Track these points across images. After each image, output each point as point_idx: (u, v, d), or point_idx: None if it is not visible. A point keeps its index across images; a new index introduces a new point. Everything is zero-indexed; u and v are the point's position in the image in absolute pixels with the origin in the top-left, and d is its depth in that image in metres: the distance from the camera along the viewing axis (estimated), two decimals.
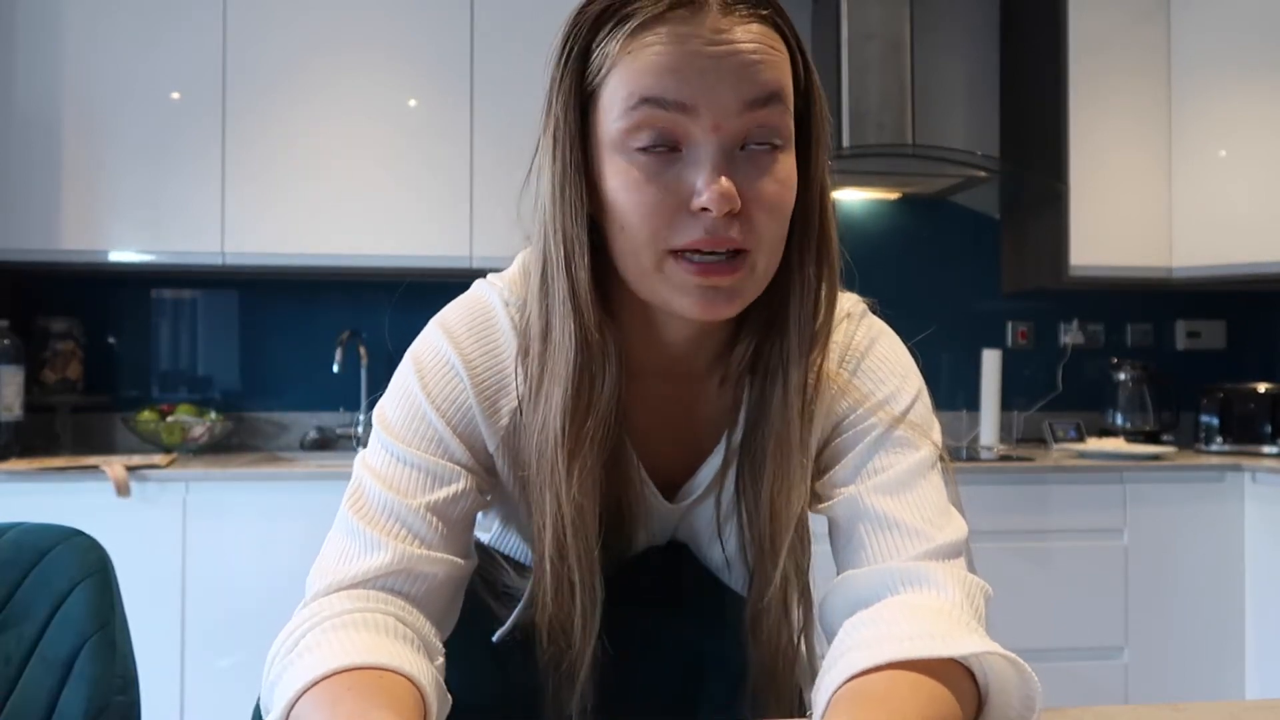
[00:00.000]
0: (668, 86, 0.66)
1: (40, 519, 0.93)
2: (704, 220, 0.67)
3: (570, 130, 0.70)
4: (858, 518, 0.76)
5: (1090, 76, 2.88)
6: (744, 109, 0.67)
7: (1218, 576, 2.61)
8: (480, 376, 0.77)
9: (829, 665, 0.66)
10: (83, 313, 2.81)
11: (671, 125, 0.67)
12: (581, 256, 0.70)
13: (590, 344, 0.72)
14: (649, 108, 0.67)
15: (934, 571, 0.70)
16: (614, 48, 0.68)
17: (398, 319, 2.98)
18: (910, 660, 0.61)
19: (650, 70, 0.67)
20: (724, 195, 0.66)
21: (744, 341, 0.78)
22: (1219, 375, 3.16)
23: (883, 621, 0.66)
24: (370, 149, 2.65)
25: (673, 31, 0.66)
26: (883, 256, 3.06)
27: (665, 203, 0.67)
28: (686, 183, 0.67)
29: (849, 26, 2.84)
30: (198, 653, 2.29)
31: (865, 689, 0.61)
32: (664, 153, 0.68)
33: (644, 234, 0.68)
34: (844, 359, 0.81)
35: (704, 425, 0.82)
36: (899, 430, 0.79)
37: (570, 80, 0.70)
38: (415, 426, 0.76)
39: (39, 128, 2.54)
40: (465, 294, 0.83)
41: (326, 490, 2.33)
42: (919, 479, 0.77)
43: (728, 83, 0.66)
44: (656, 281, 0.70)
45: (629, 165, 0.68)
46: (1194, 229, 2.89)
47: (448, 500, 0.74)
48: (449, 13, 2.68)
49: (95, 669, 0.86)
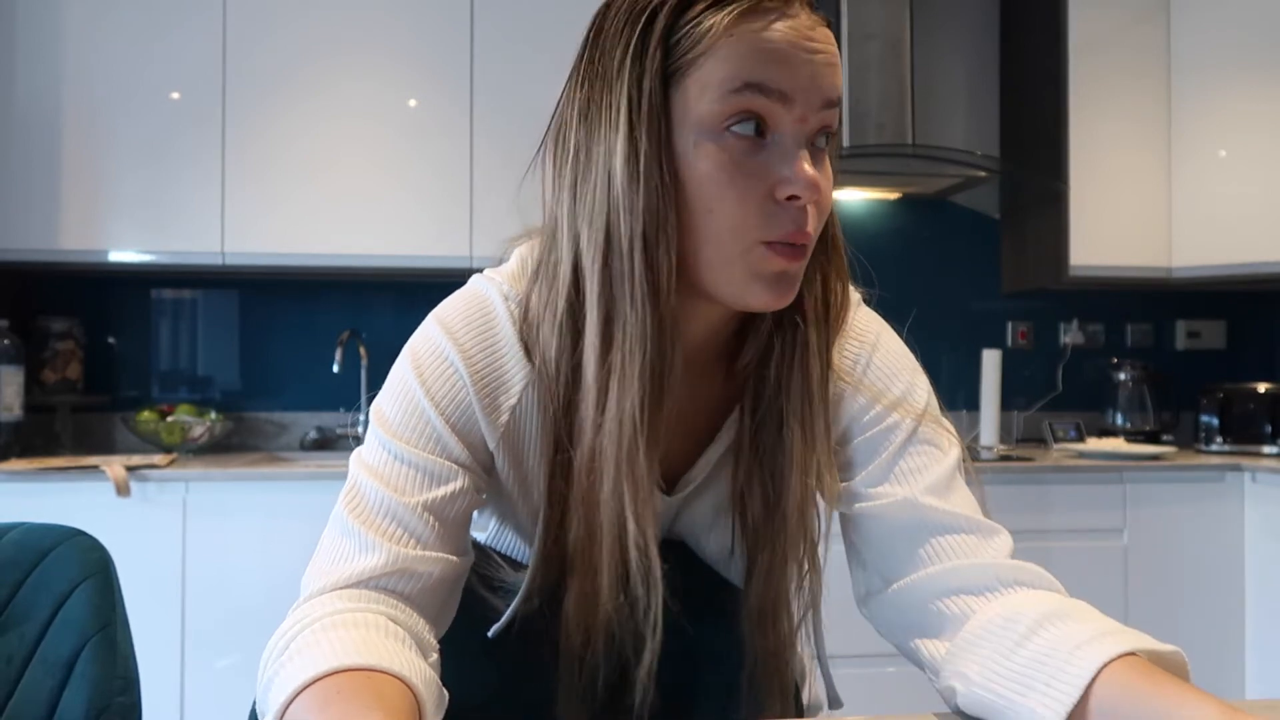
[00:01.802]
0: (773, 74, 0.68)
1: (41, 519, 0.93)
2: (790, 210, 0.69)
3: (655, 106, 0.69)
4: (917, 519, 0.77)
5: (1090, 76, 2.88)
6: (823, 106, 0.70)
7: (1218, 576, 2.61)
8: (480, 373, 0.76)
9: (1050, 650, 0.65)
10: (83, 313, 2.81)
11: (767, 112, 0.68)
12: (671, 237, 0.69)
13: (666, 331, 0.71)
14: (752, 93, 0.68)
15: (1040, 573, 0.75)
16: (713, 29, 0.68)
17: (398, 319, 2.98)
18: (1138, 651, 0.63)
19: (757, 55, 0.67)
20: (813, 183, 0.68)
21: (754, 335, 0.78)
22: (1219, 375, 3.16)
23: (1074, 618, 0.67)
24: (370, 149, 2.65)
25: (779, 24, 0.68)
26: (883, 256, 3.01)
27: (756, 189, 0.69)
28: (774, 170, 0.69)
29: (849, 26, 2.84)
30: (198, 653, 2.29)
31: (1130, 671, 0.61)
32: (755, 139, 0.69)
33: (735, 219, 0.69)
34: (854, 358, 0.82)
35: (704, 416, 0.82)
36: (925, 428, 0.80)
37: (657, 57, 0.69)
38: (413, 424, 0.75)
39: (39, 128, 2.54)
40: (463, 289, 0.82)
41: (326, 490, 2.32)
42: (957, 477, 0.80)
43: (819, 79, 0.69)
44: (737, 268, 0.70)
45: (720, 149, 0.68)
46: (1194, 229, 2.89)
47: (445, 499, 0.74)
48: (449, 13, 2.68)
49: (96, 669, 0.86)
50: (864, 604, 0.82)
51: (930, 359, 0.86)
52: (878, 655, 0.84)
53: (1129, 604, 2.57)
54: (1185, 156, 2.91)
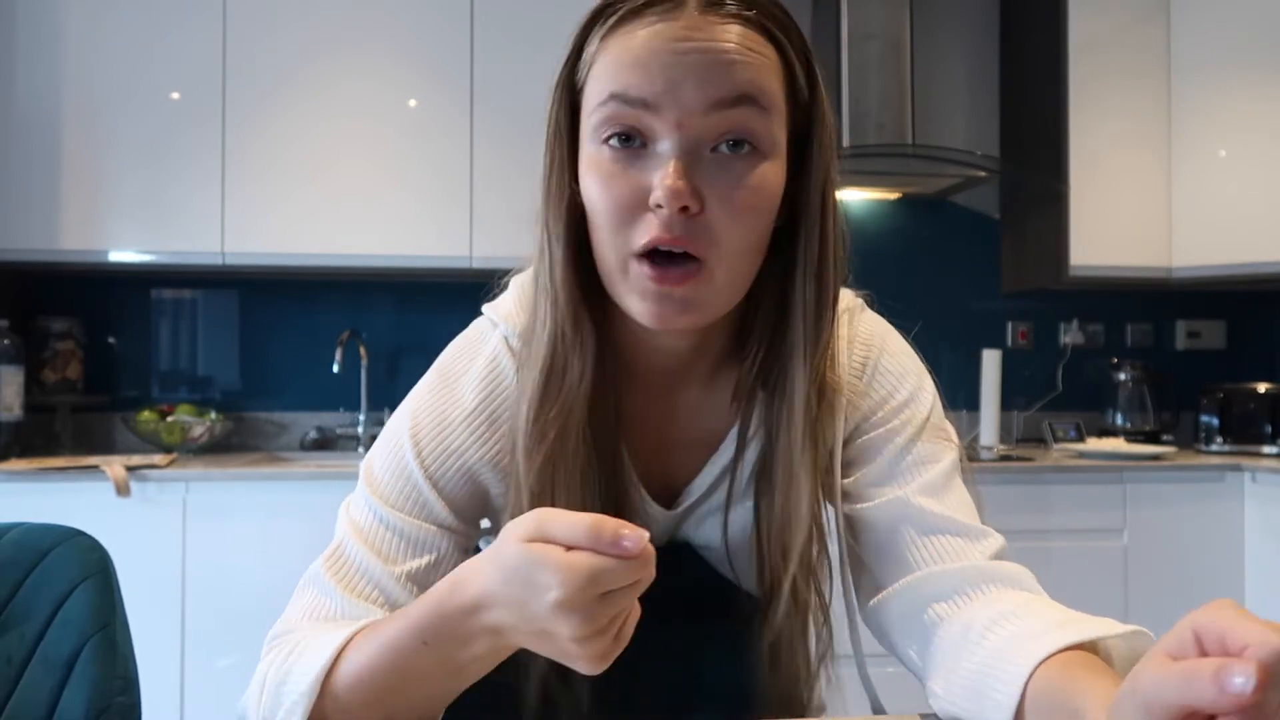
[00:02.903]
0: (632, 83, 0.66)
1: (40, 519, 0.93)
2: (659, 216, 0.66)
3: (560, 126, 0.72)
4: (907, 519, 0.77)
5: (1090, 77, 2.87)
6: (710, 108, 0.66)
7: (1217, 576, 2.60)
8: (483, 428, 0.77)
9: (996, 655, 0.65)
10: (83, 313, 2.80)
11: (636, 121, 0.67)
12: (560, 249, 0.71)
13: (563, 336, 0.72)
14: (615, 103, 0.67)
15: (1014, 572, 0.74)
16: (595, 45, 0.69)
17: (398, 319, 2.98)
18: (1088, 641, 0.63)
19: (619, 66, 0.67)
20: (673, 190, 0.65)
21: (751, 353, 0.77)
22: (1219, 375, 3.16)
23: (1022, 616, 0.67)
24: (370, 149, 2.65)
25: (646, 29, 0.67)
26: (883, 256, 3.06)
27: (627, 199, 0.67)
28: (647, 180, 0.67)
29: (849, 26, 2.84)
30: (197, 653, 2.29)
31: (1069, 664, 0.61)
32: (633, 149, 0.68)
33: (608, 230, 0.68)
34: (862, 364, 0.82)
35: (704, 433, 0.82)
36: (927, 431, 0.80)
37: (563, 77, 0.72)
38: (400, 487, 0.76)
39: (39, 128, 2.54)
40: (464, 336, 0.82)
41: (326, 490, 2.32)
42: (953, 479, 0.79)
43: (692, 81, 0.65)
44: (620, 285, 0.70)
45: (598, 160, 0.69)
46: (1194, 229, 2.89)
47: (427, 568, 0.75)
48: (449, 13, 2.68)
49: (96, 669, 0.86)
50: (863, 612, 0.82)
51: (930, 359, 0.86)
52: (878, 655, 0.84)
53: (1129, 604, 2.57)
54: (1185, 156, 2.91)
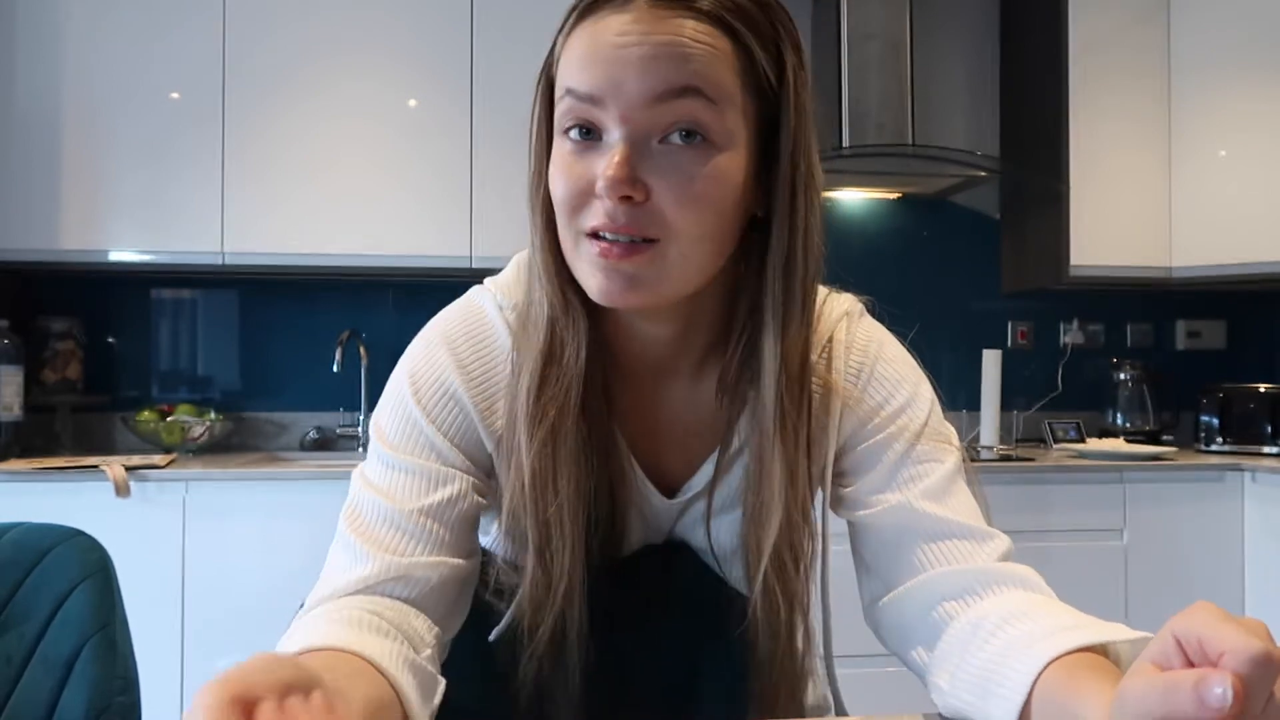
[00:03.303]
0: (581, 79, 0.69)
1: (40, 519, 0.93)
2: (603, 204, 0.69)
3: (538, 117, 0.75)
4: (912, 524, 0.77)
5: (1090, 77, 2.88)
6: (653, 101, 0.67)
7: (1217, 576, 2.60)
8: (476, 381, 0.78)
9: (1005, 652, 0.65)
10: (83, 313, 2.80)
11: (588, 115, 0.70)
12: (538, 236, 0.75)
13: (558, 312, 0.75)
14: (570, 99, 0.70)
15: (1024, 573, 0.74)
16: (562, 41, 0.72)
17: (398, 319, 2.98)
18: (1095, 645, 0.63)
19: (573, 62, 0.70)
20: (612, 180, 0.67)
21: (733, 346, 0.78)
22: (1219, 375, 3.16)
23: (1032, 616, 0.67)
24: (370, 149, 2.65)
25: (596, 25, 0.69)
26: (883, 256, 3.05)
27: (578, 186, 0.70)
28: (595, 169, 0.69)
29: (849, 26, 2.84)
30: (197, 653, 2.29)
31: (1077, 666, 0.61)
32: (589, 141, 0.70)
33: (563, 215, 0.72)
34: (858, 369, 0.82)
35: (697, 427, 0.82)
36: (925, 436, 0.81)
37: (543, 72, 0.75)
38: (409, 433, 0.77)
39: (39, 128, 2.54)
40: (460, 299, 0.84)
41: (326, 490, 2.32)
42: (956, 483, 0.80)
43: (633, 75, 0.67)
44: (575, 261, 0.72)
45: (560, 151, 0.72)
46: (1194, 229, 2.89)
47: (444, 503, 0.75)
48: (449, 13, 2.68)
49: (96, 669, 0.86)
50: (869, 614, 0.83)
51: (930, 359, 0.86)
52: (878, 655, 0.84)
53: (1129, 604, 2.57)
54: (1185, 156, 2.91)
